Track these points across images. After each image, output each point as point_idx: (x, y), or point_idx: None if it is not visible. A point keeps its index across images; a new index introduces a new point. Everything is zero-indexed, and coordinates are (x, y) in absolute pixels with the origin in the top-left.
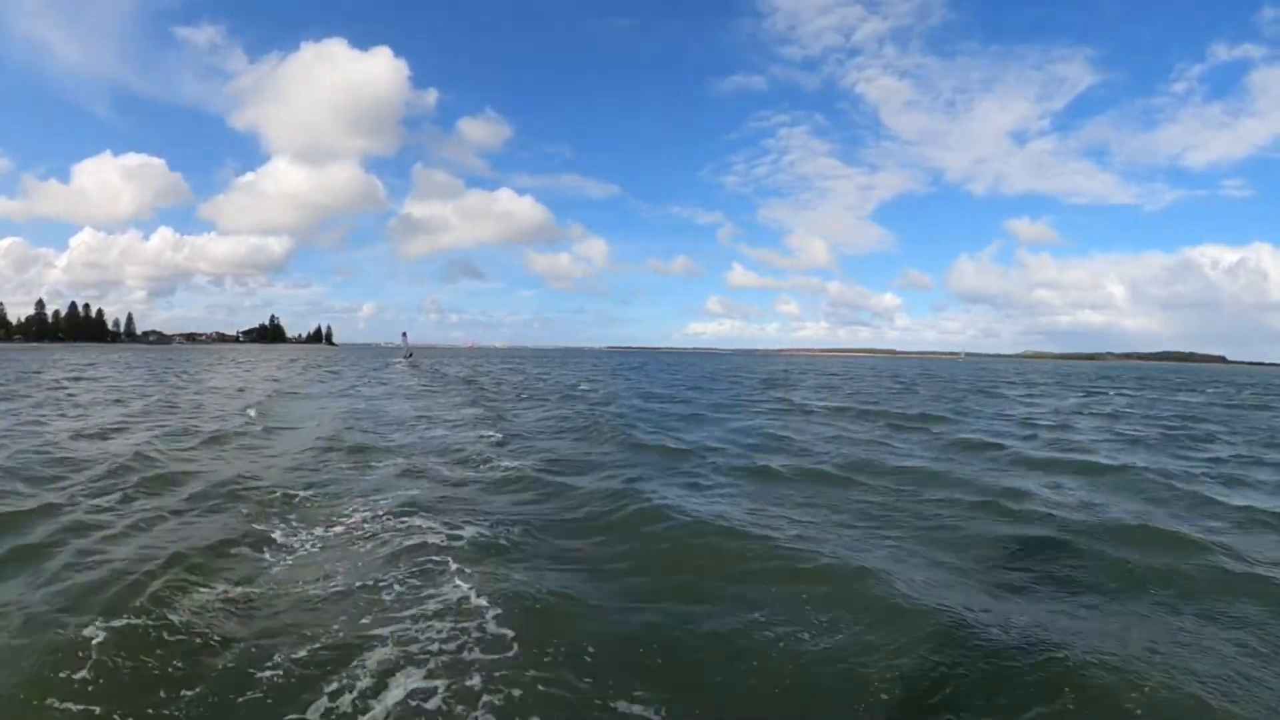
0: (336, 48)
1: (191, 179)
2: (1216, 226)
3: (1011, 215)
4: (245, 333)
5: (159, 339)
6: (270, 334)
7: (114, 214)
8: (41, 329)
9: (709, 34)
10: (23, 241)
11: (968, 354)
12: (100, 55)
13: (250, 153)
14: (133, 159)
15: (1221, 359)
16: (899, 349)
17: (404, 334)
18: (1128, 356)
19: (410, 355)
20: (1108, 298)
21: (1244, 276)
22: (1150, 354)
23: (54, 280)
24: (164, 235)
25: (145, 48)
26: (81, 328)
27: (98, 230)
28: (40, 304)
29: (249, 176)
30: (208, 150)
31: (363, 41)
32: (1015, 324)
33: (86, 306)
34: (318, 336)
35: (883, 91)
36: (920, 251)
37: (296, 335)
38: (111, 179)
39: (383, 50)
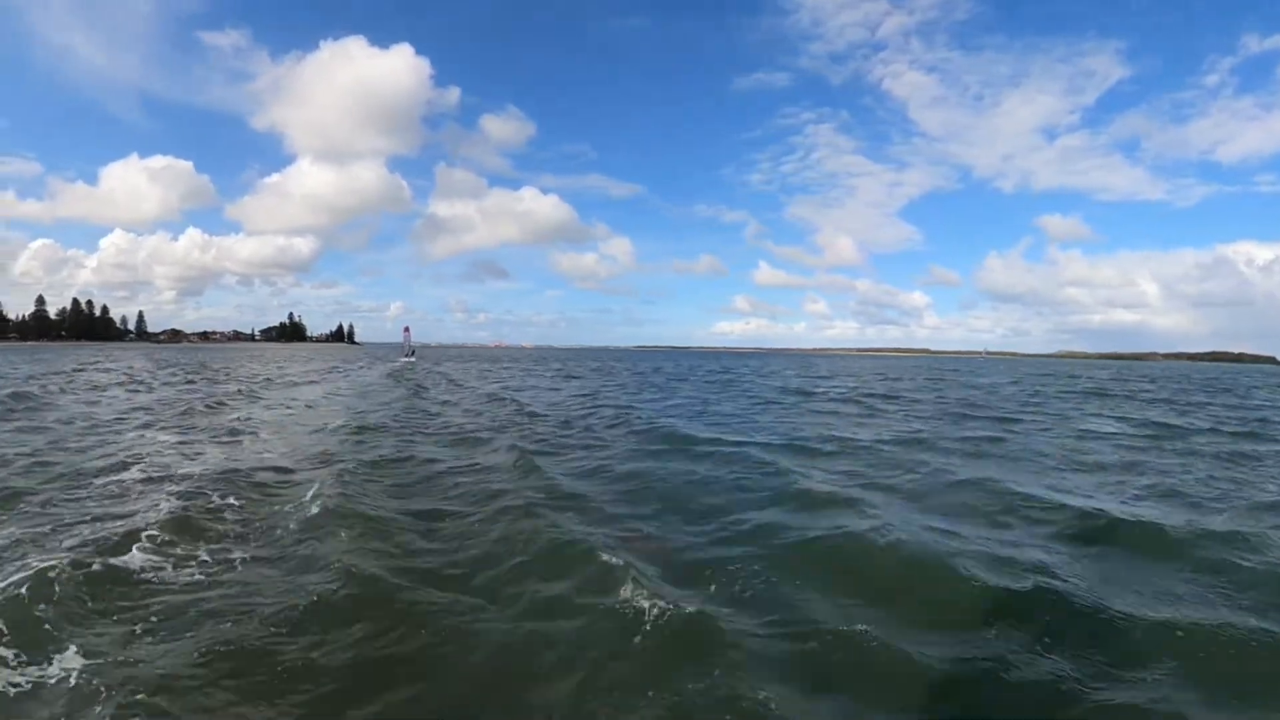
0: (356, 46)
1: (218, 180)
2: (1250, 222)
3: (1041, 212)
4: (264, 331)
5: (170, 337)
6: (290, 333)
7: (142, 215)
8: (42, 327)
9: (731, 32)
10: (53, 243)
11: (989, 352)
12: (127, 61)
13: (275, 154)
14: (159, 161)
15: (1272, 359)
16: (931, 348)
17: (406, 329)
18: (1175, 356)
19: (413, 354)
20: (1139, 295)
21: (1279, 274)
22: (1199, 354)
23: (84, 281)
24: (192, 236)
25: (171, 53)
26: (85, 326)
27: (127, 231)
28: (40, 300)
29: (274, 177)
30: (235, 151)
31: (383, 40)
32: (1045, 322)
33: (90, 304)
34: (339, 335)
35: (909, 87)
36: (949, 249)
37: (320, 334)
38: (139, 181)
39: (404, 48)
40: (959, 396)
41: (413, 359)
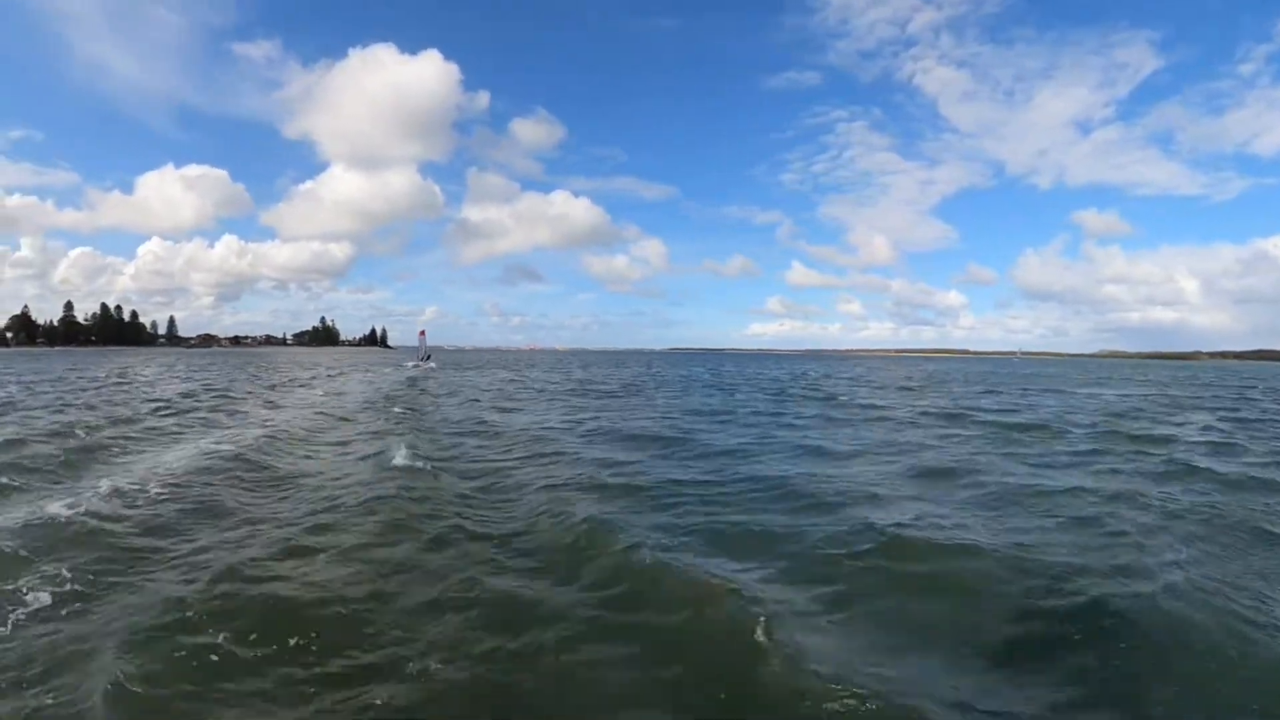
0: (385, 53)
1: (253, 188)
2: None
3: (1077, 207)
4: (296, 335)
5: (200, 342)
6: (322, 336)
7: (178, 223)
8: (70, 333)
9: (758, 31)
10: (92, 251)
11: (1023, 353)
12: (161, 73)
13: (308, 161)
14: (194, 170)
15: None
16: (969, 348)
17: (421, 333)
18: (1221, 355)
19: (428, 358)
20: (1178, 292)
21: None
22: (1244, 352)
23: (123, 287)
24: (228, 243)
25: (204, 64)
26: (114, 331)
27: (164, 239)
28: (69, 306)
29: (307, 184)
30: (268, 159)
31: (411, 46)
32: (1084, 321)
33: (119, 308)
34: (372, 339)
35: (940, 83)
36: (984, 247)
37: (354, 338)
38: (174, 190)
39: (432, 54)
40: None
41: (430, 363)
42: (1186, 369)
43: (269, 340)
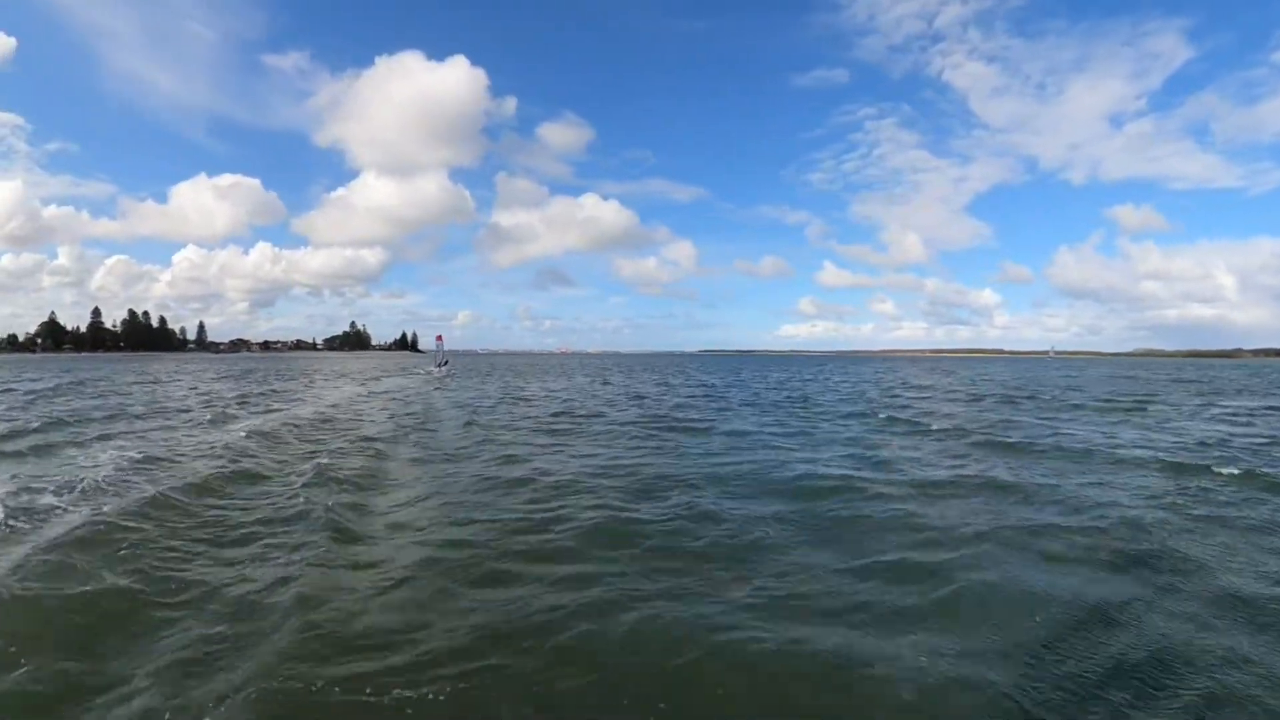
0: (412, 60)
1: (285, 196)
2: None
3: (1112, 203)
4: (327, 340)
5: (230, 347)
6: (354, 341)
7: (212, 232)
8: (98, 339)
9: (785, 30)
10: (128, 259)
11: (1056, 352)
12: (194, 85)
13: (339, 168)
14: (227, 179)
15: None
16: (1005, 348)
17: (438, 337)
18: (1265, 353)
19: (445, 363)
20: (1217, 289)
21: None
22: None
23: (159, 294)
24: (262, 250)
25: (237, 76)
26: (142, 337)
27: (200, 247)
28: (96, 312)
29: (339, 191)
30: (300, 167)
31: (439, 53)
32: (1120, 319)
33: (146, 314)
34: (403, 343)
35: (970, 78)
36: (1019, 244)
37: (386, 342)
38: (208, 199)
39: (459, 60)
40: None
41: (442, 369)
42: (1246, 368)
43: (299, 345)
